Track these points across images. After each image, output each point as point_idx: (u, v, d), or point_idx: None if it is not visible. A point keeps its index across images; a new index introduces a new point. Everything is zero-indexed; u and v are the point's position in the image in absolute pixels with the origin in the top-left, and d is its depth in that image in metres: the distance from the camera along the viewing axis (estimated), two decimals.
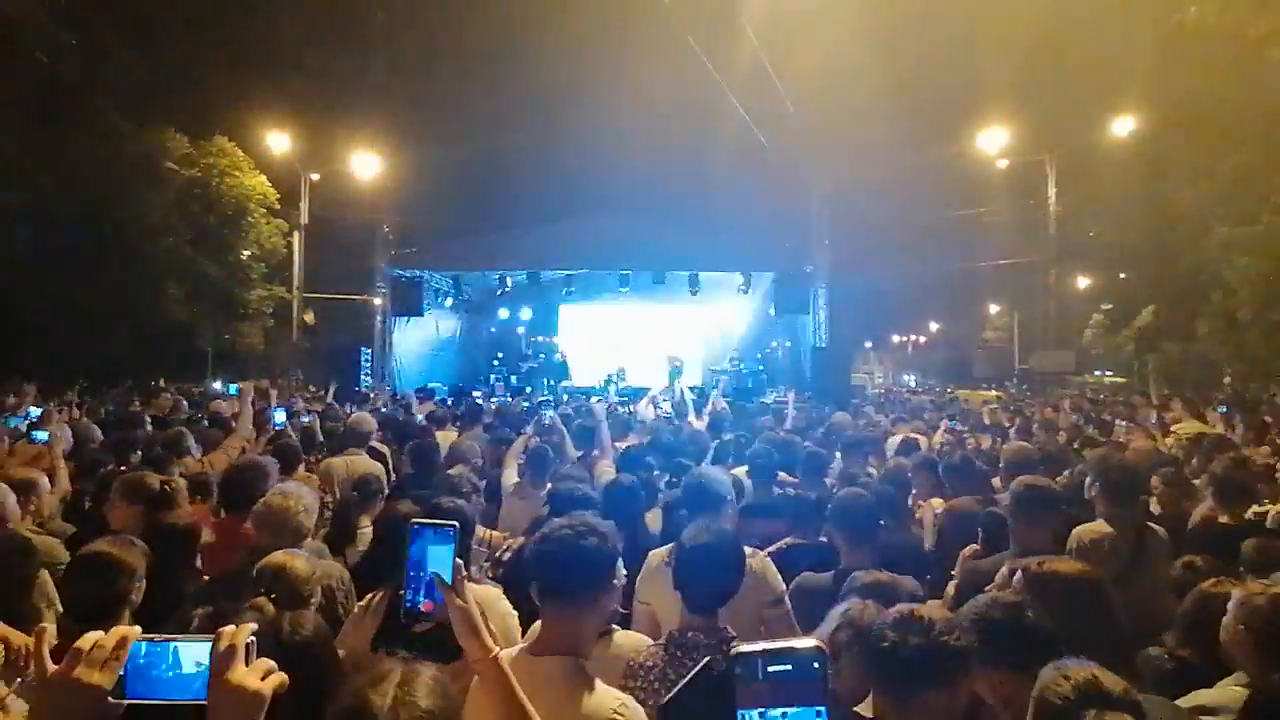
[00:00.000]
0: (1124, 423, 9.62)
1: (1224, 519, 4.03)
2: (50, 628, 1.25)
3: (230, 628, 1.23)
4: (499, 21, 22.00)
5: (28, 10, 17.86)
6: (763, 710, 0.85)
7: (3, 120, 17.56)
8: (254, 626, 1.26)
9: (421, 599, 1.66)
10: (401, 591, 1.65)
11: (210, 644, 1.20)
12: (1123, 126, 17.39)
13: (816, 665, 0.87)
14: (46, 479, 4.10)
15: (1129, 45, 13.90)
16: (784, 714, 0.85)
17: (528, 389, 19.04)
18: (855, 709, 1.98)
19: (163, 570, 2.83)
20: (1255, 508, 4.25)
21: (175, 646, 1.21)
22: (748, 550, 3.40)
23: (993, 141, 19.56)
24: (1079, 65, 18.13)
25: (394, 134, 20.51)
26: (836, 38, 17.62)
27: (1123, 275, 19.89)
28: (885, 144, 20.81)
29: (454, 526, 1.71)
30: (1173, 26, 6.24)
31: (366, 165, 19.86)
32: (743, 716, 0.85)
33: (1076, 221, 20.16)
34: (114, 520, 3.47)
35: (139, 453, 5.34)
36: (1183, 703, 2.01)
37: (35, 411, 7.91)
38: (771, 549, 3.77)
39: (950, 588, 3.44)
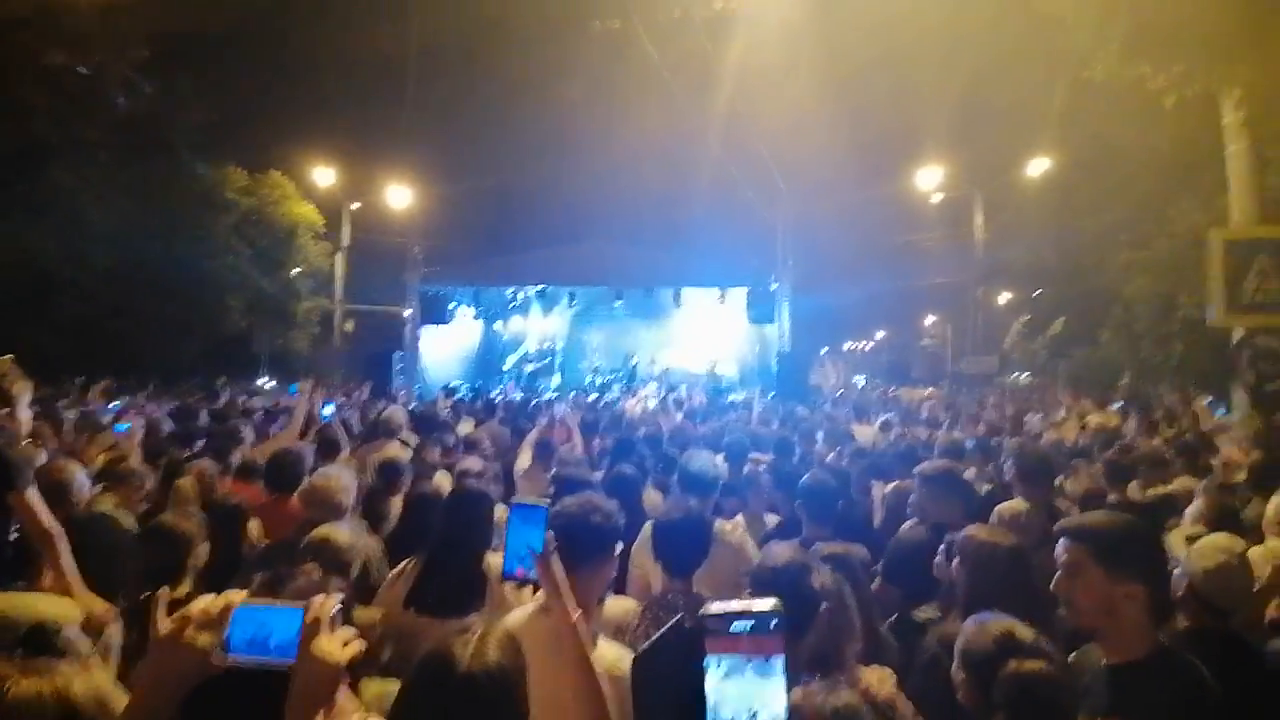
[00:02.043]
0: (1037, 416, 9.70)
1: (1112, 497, 4.10)
2: (168, 592, 1.22)
3: (319, 598, 1.19)
4: (511, 74, 22.05)
5: (110, 60, 17.80)
6: (730, 656, 0.85)
7: (89, 155, 17.48)
8: (339, 598, 1.22)
9: (518, 566, 1.67)
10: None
11: (300, 611, 1.17)
12: (1038, 166, 17.59)
13: (774, 623, 0.86)
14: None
15: (1044, 95, 14.05)
16: (748, 660, 0.85)
17: (539, 388, 19.01)
18: None
19: (219, 541, 2.80)
20: (1133, 488, 4.34)
21: (271, 612, 1.19)
22: (729, 525, 3.42)
23: (928, 178, 19.71)
24: (1002, 113, 18.31)
25: (422, 168, 20.46)
26: (797, 89, 17.74)
27: (1038, 292, 20.04)
28: (839, 179, 21.00)
29: (545, 506, 1.72)
30: (1082, 80, 6.37)
31: (399, 195, 19.81)
32: (710, 662, 0.85)
33: (999, 246, 20.37)
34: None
35: (200, 442, 5.30)
36: (1073, 657, 2.01)
37: (114, 406, 7.84)
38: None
39: None
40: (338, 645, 1.17)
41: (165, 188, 18.43)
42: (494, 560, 2.68)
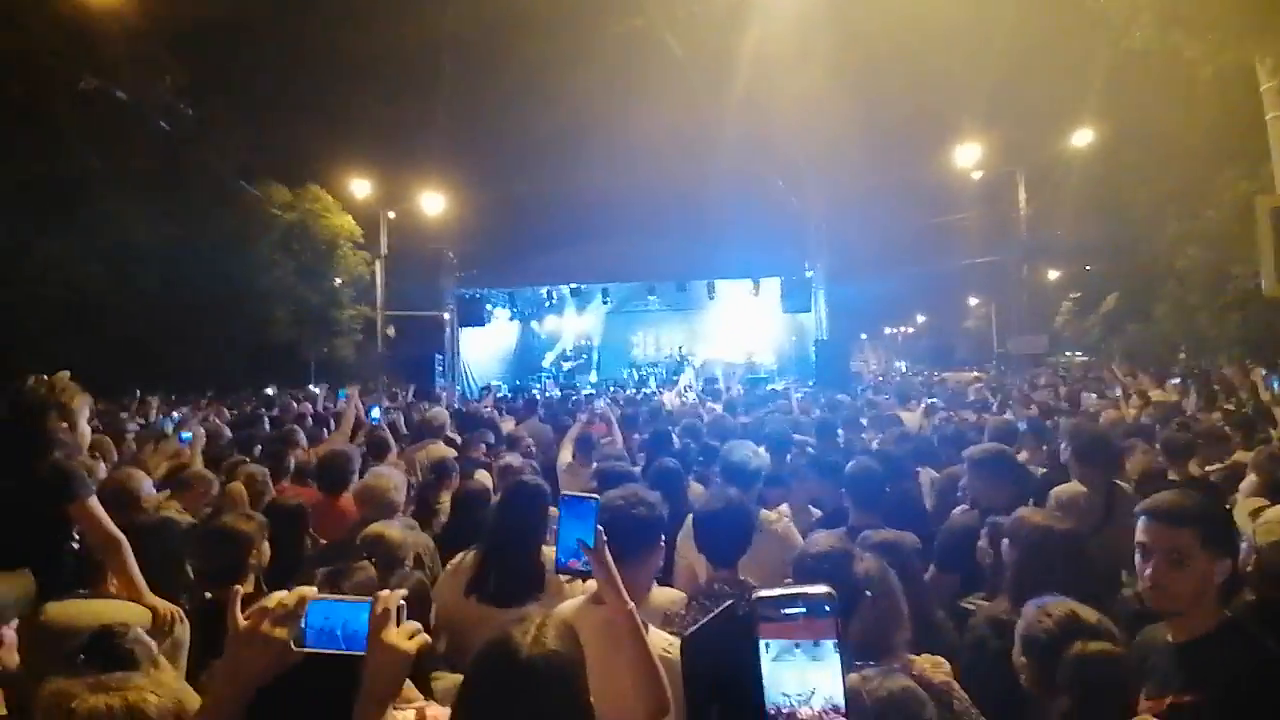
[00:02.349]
0: (1093, 395, 9.35)
1: (1172, 475, 3.94)
2: (240, 589, 1.27)
3: (385, 593, 1.24)
4: (536, 76, 22.17)
5: (151, 85, 18.50)
6: (780, 641, 0.84)
7: (132, 179, 18.18)
8: (404, 592, 1.26)
9: (571, 559, 1.70)
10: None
11: (368, 605, 1.21)
12: (1081, 139, 16.90)
13: (827, 608, 0.85)
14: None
15: (1085, 66, 13.50)
16: (797, 644, 0.84)
17: (575, 385, 19.17)
18: None
19: (280, 540, 2.88)
20: (1193, 465, 4.17)
21: (342, 605, 1.23)
22: (773, 515, 3.40)
23: (966, 156, 19.13)
24: (1040, 87, 17.65)
25: (455, 175, 20.74)
26: (824, 72, 17.40)
27: (1088, 268, 19.30)
28: (872, 162, 20.51)
29: (596, 499, 1.74)
30: (1121, 50, 6.10)
31: (433, 203, 20.15)
32: (763, 645, 0.84)
33: (1042, 222, 19.69)
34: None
35: (260, 447, 5.50)
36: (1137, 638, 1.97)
37: (177, 416, 8.17)
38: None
39: None
40: (404, 637, 1.21)
41: (209, 207, 19.09)
42: (551, 553, 2.73)
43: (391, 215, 20.54)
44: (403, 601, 1.23)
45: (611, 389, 16.63)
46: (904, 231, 25.91)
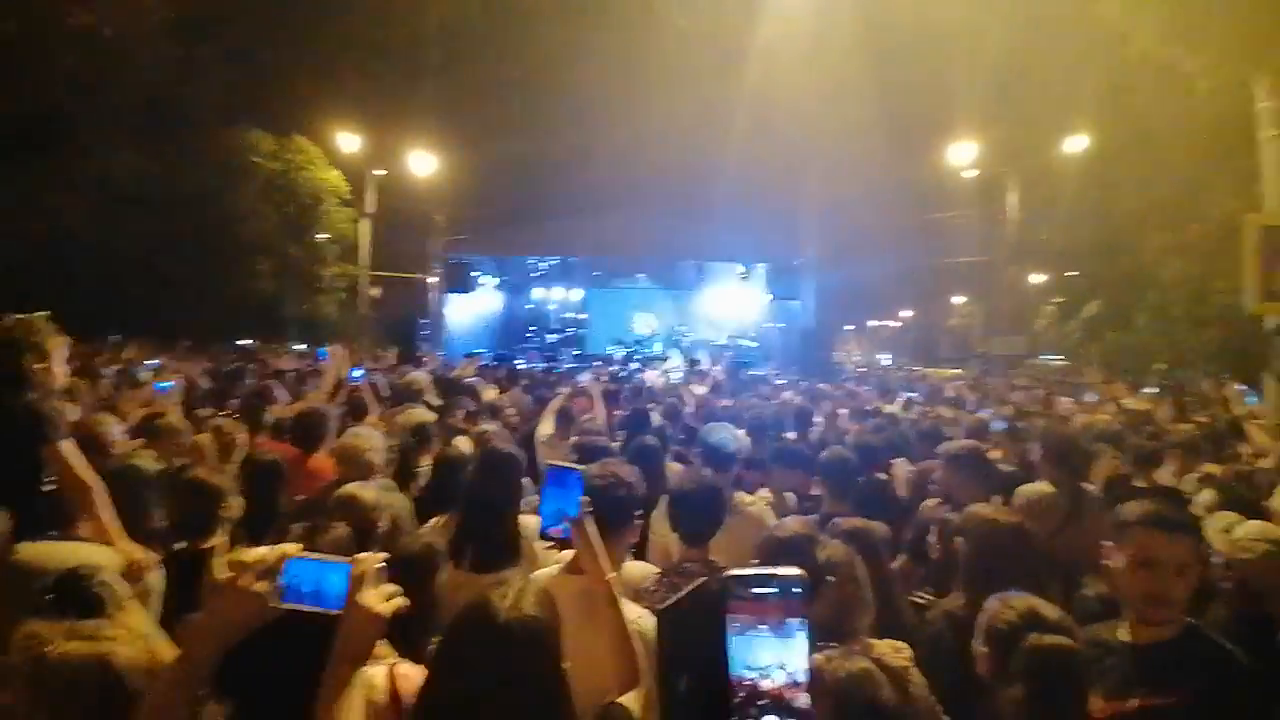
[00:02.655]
0: (1068, 399, 9.54)
1: (1138, 482, 4.06)
2: (221, 543, 1.26)
3: (365, 554, 1.25)
4: (537, 43, 21.72)
5: (133, 28, 17.90)
6: (749, 617, 0.87)
7: (114, 124, 17.68)
8: (385, 556, 1.27)
9: (553, 526, 1.72)
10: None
11: (348, 565, 1.22)
12: (1073, 145, 17.02)
13: (797, 589, 0.88)
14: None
15: (1082, 73, 13.56)
16: (764, 622, 0.86)
17: (559, 355, 19.15)
18: None
19: (257, 495, 2.90)
20: (1160, 474, 4.30)
21: (322, 565, 1.23)
22: (748, 498, 3.45)
23: (959, 155, 19.18)
24: (1039, 89, 17.68)
25: (447, 137, 20.35)
26: (825, 63, 17.27)
27: (1071, 273, 19.54)
28: (866, 154, 20.47)
29: (580, 470, 1.76)
30: (1119, 59, 6.12)
31: (423, 163, 19.78)
32: (733, 621, 0.87)
33: (1030, 225, 19.86)
34: None
35: (235, 401, 5.45)
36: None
37: (152, 364, 8.04)
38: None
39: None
40: (381, 599, 1.22)
41: (192, 152, 18.59)
42: (528, 520, 2.75)
43: (379, 173, 20.15)
44: (382, 564, 1.24)
45: (596, 364, 16.64)
46: (895, 226, 26.00)
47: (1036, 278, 23.56)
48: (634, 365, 16.12)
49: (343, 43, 21.71)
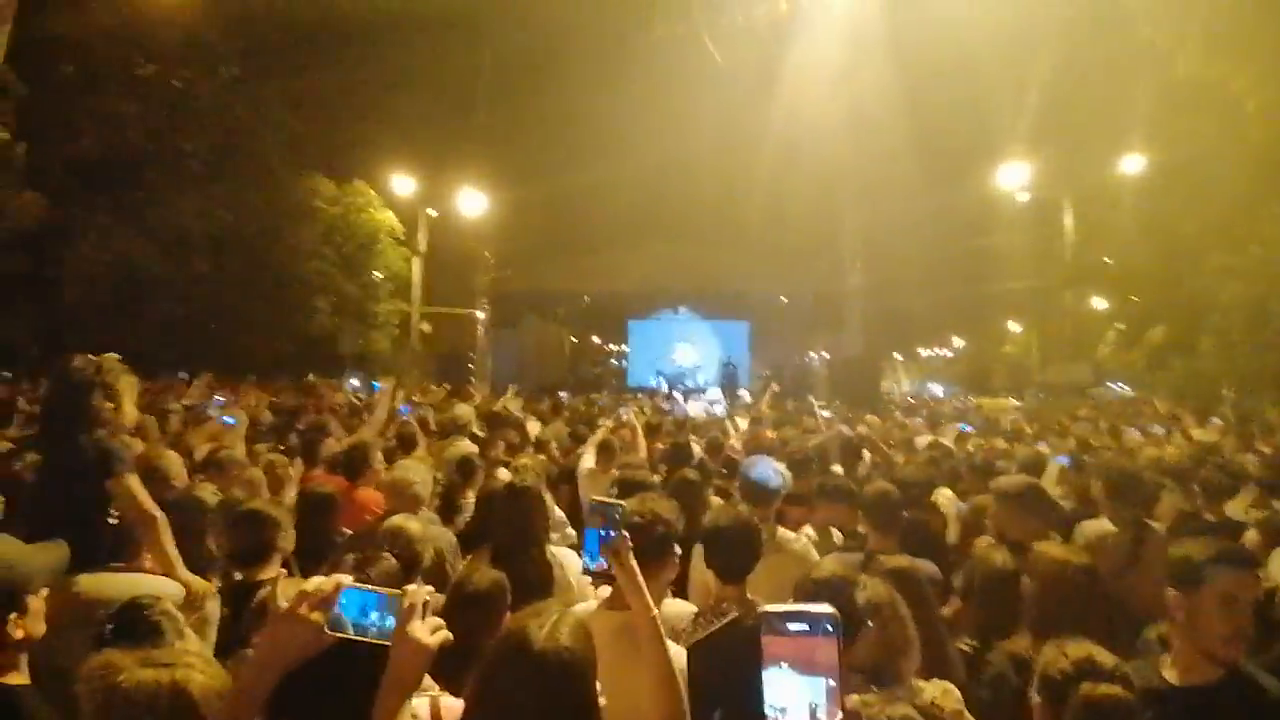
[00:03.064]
0: (1136, 431, 9.05)
1: (1208, 516, 3.81)
2: (278, 573, 1.32)
3: (413, 587, 1.28)
4: (578, 80, 22.45)
5: (205, 73, 19.24)
6: (780, 663, 0.87)
7: (184, 164, 18.91)
8: (431, 589, 1.30)
9: (595, 561, 1.75)
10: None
11: (398, 597, 1.25)
12: (1128, 166, 16.48)
13: (830, 627, 0.88)
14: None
15: (1133, 93, 13.20)
16: (797, 658, 0.86)
17: (604, 392, 19.28)
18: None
19: (311, 526, 2.98)
20: (1231, 506, 4.03)
21: (373, 595, 1.26)
22: (791, 534, 3.38)
23: (1011, 178, 18.78)
24: (1090, 110, 17.25)
25: (495, 175, 21.12)
26: (865, 89, 17.25)
27: (1133, 298, 18.73)
28: (911, 180, 20.24)
29: (622, 505, 1.79)
30: (1166, 79, 5.91)
31: (473, 202, 20.51)
32: (766, 657, 0.87)
33: (1084, 248, 19.17)
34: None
35: (295, 436, 5.66)
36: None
37: (220, 400, 8.43)
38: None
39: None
40: (429, 632, 1.25)
41: (257, 196, 19.74)
42: (569, 555, 2.78)
43: (432, 213, 20.96)
44: (428, 597, 1.28)
45: (638, 396, 16.67)
46: (943, 251, 25.48)
47: (1097, 302, 22.66)
48: (677, 397, 16.10)
49: (397, 89, 22.88)
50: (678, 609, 2.52)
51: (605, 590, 2.20)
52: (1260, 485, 4.36)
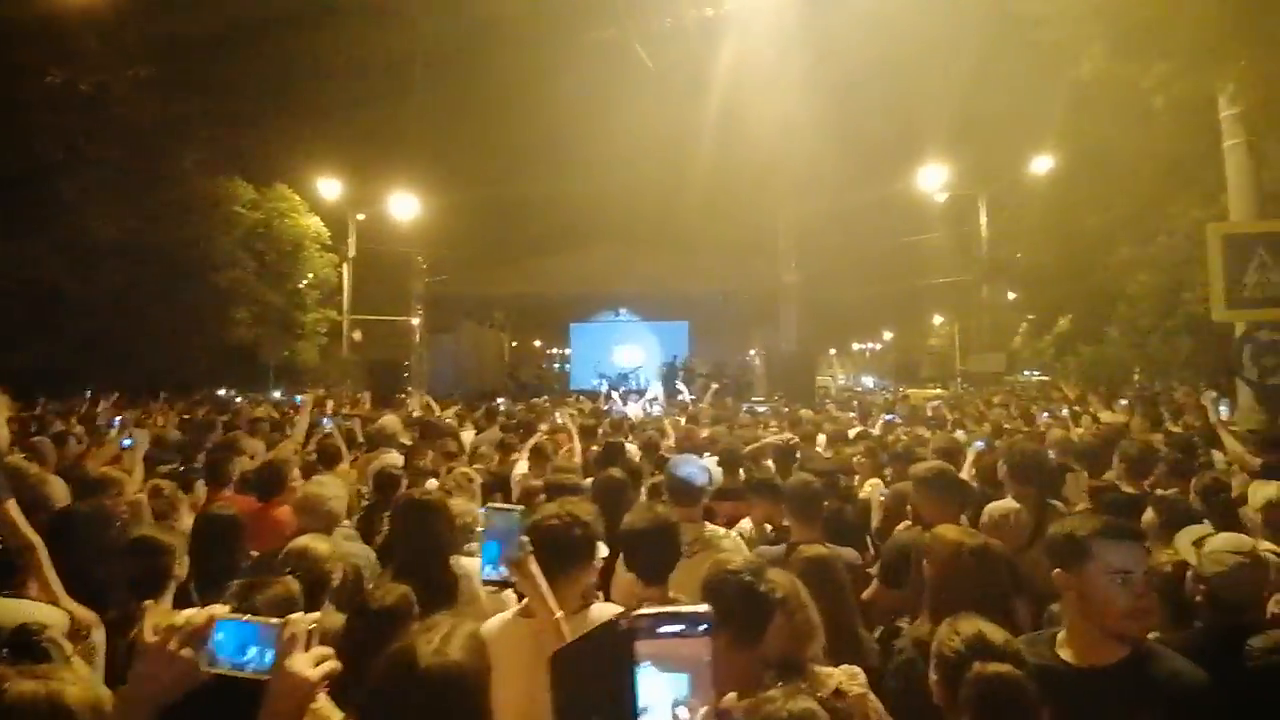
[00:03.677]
0: (1046, 414, 9.59)
1: (1128, 489, 4.05)
2: (153, 605, 1.27)
3: (295, 616, 1.21)
4: (510, 82, 22.19)
5: (119, 78, 18.14)
6: (655, 656, 0.86)
7: (96, 172, 17.78)
8: (316, 616, 1.23)
9: (495, 571, 1.69)
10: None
11: (277, 627, 1.19)
12: (1039, 165, 17.53)
13: (704, 627, 0.88)
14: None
15: (1042, 94, 14.02)
16: (670, 660, 0.86)
17: (545, 397, 19.05)
18: None
19: (213, 550, 2.85)
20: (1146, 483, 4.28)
21: (251, 626, 1.20)
22: (720, 531, 3.41)
23: (932, 178, 19.66)
24: (1005, 111, 18.24)
25: (426, 178, 20.63)
26: (795, 91, 17.74)
27: (1042, 290, 19.95)
28: (841, 179, 20.95)
29: (520, 510, 1.74)
30: (1072, 79, 6.27)
31: (403, 205, 19.95)
32: (641, 661, 0.86)
33: (1002, 244, 20.27)
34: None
35: (204, 454, 5.35)
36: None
37: (120, 419, 7.92)
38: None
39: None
40: (310, 663, 1.19)
41: (172, 202, 18.69)
42: (468, 564, 2.71)
43: (361, 217, 20.29)
44: (312, 625, 1.21)
45: (579, 399, 16.59)
46: (873, 248, 26.45)
47: (1011, 295, 23.98)
48: (616, 399, 16.11)
49: (322, 91, 22.07)
50: (605, 613, 2.50)
51: (510, 597, 2.16)
52: (1168, 464, 4.67)
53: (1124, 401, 10.31)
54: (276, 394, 16.52)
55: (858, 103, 20.01)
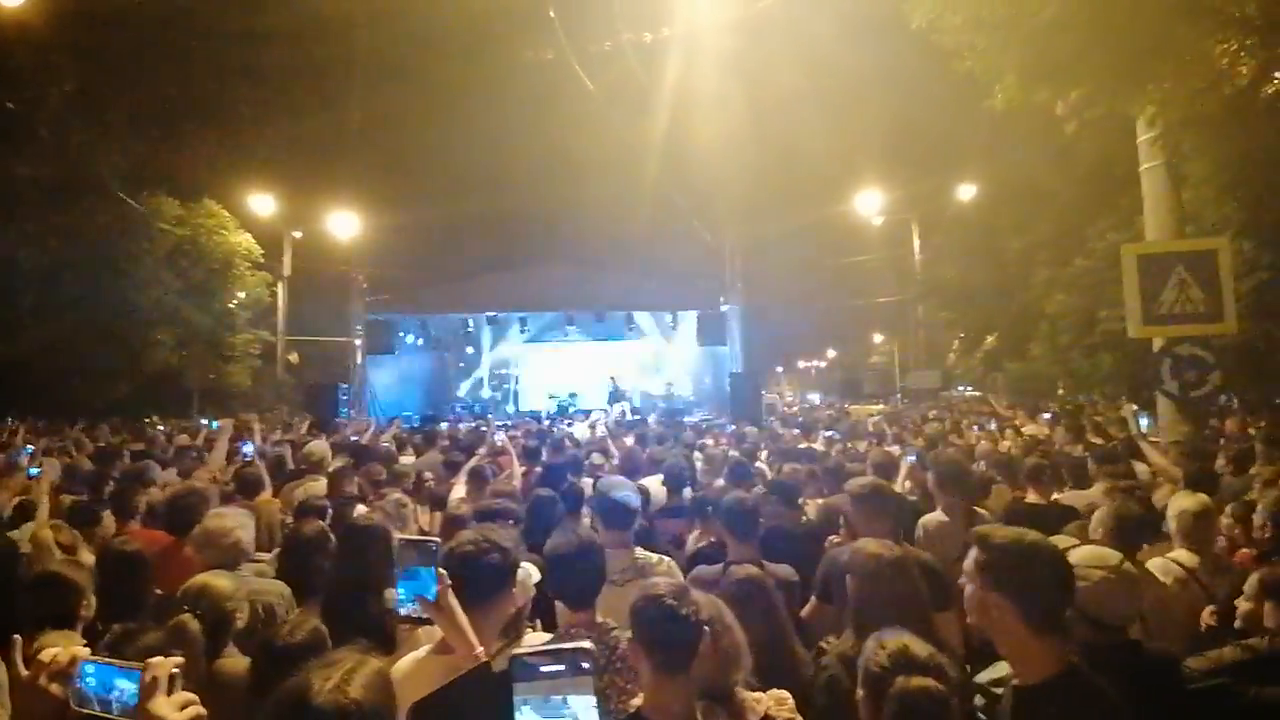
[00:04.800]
0: (976, 428, 9.97)
1: (1032, 499, 4.19)
2: (18, 640, 1.25)
3: (157, 659, 1.18)
4: (456, 98, 22.02)
5: (40, 97, 17.19)
6: (535, 698, 0.81)
7: (17, 192, 16.76)
8: (179, 660, 1.20)
9: (409, 606, 1.61)
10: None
11: (138, 672, 1.17)
12: (965, 191, 18.49)
13: (585, 665, 0.83)
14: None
15: (969, 123, 14.82)
16: (550, 699, 0.81)
17: (488, 416, 18.67)
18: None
19: (117, 589, 2.68)
20: (1056, 494, 4.45)
21: (114, 670, 1.20)
22: (654, 557, 3.35)
23: (868, 203, 20.42)
24: (936, 139, 19.21)
25: (366, 194, 20.13)
26: (736, 117, 18.26)
27: (971, 310, 20.94)
28: (784, 203, 21.58)
29: (436, 541, 1.66)
30: (987, 109, 6.59)
31: (341, 223, 19.38)
32: (519, 703, 0.81)
33: (936, 266, 21.18)
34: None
35: (112, 484, 5.00)
36: (983, 675, 1.91)
37: (28, 450, 7.38)
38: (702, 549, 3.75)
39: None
40: (174, 708, 1.16)
41: (95, 222, 17.68)
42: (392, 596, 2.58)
43: (297, 235, 19.61)
44: (176, 670, 1.18)
45: (525, 420, 16.33)
46: (815, 270, 27.25)
47: (946, 315, 25.08)
48: (565, 420, 15.92)
49: (255, 107, 21.35)
50: (539, 640, 2.41)
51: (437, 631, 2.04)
52: (1072, 476, 4.86)
53: (1047, 415, 10.82)
54: (204, 420, 15.68)
55: (796, 129, 20.71)
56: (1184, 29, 4.99)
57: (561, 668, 0.83)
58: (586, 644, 0.84)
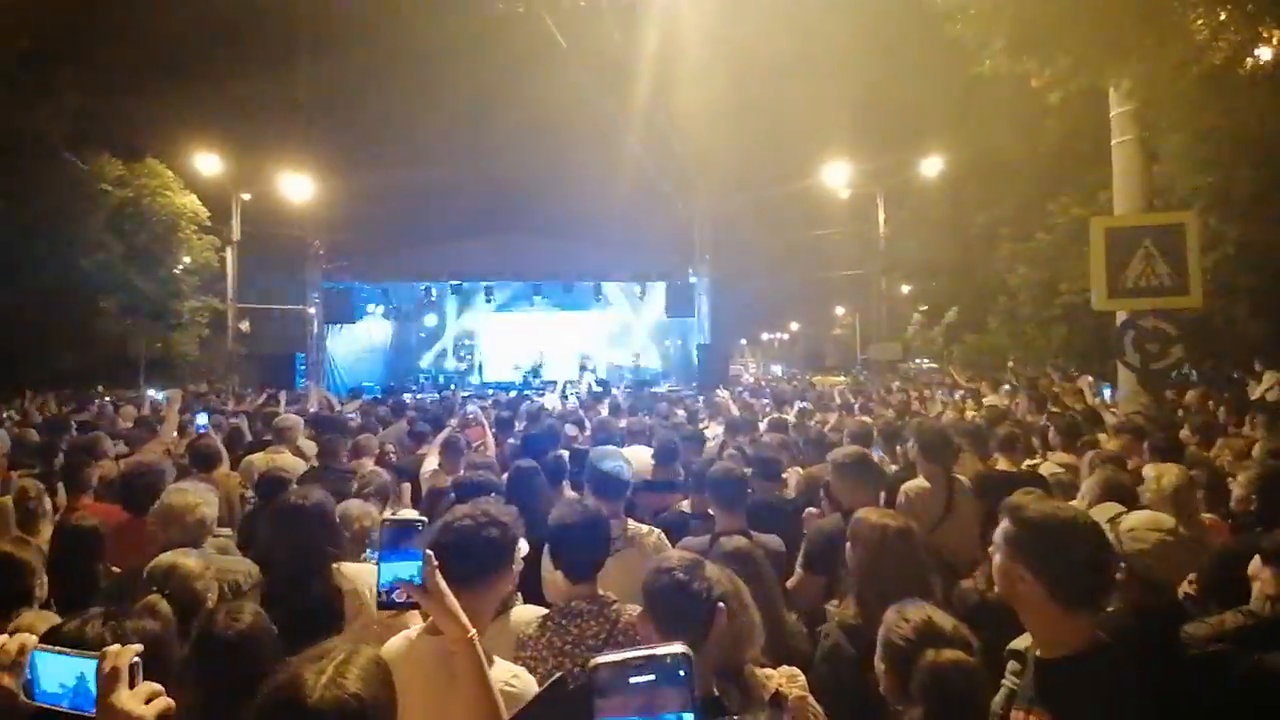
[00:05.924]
0: (942, 397, 10.18)
1: (1003, 467, 4.25)
2: None
3: (114, 648, 1.08)
4: (420, 56, 21.08)
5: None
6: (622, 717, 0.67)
7: None
8: (138, 648, 1.10)
9: (391, 591, 1.47)
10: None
11: (95, 662, 1.07)
12: (931, 165, 18.62)
13: (682, 672, 0.70)
14: None
15: (938, 96, 14.84)
16: (651, 717, 0.67)
17: (452, 386, 18.32)
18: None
19: (71, 567, 2.56)
20: (1028, 461, 4.53)
21: (70, 660, 1.10)
22: (644, 528, 3.28)
23: (835, 175, 20.43)
24: (901, 112, 19.24)
25: (322, 156, 19.17)
26: (707, 85, 17.96)
27: (933, 283, 21.27)
28: (753, 175, 21.48)
29: (422, 521, 1.52)
30: (971, 77, 6.49)
31: (295, 186, 18.45)
32: None
33: (899, 240, 21.43)
34: None
35: (62, 456, 4.69)
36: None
37: None
38: (665, 515, 3.70)
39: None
40: (139, 700, 1.06)
41: (34, 183, 16.48)
42: (355, 573, 2.44)
43: (246, 197, 18.62)
44: (137, 659, 1.07)
45: (491, 391, 16.08)
46: (781, 243, 27.34)
47: (906, 288, 25.46)
48: (533, 390, 15.72)
49: (203, 59, 20.08)
50: (527, 616, 2.32)
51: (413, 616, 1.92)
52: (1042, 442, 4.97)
53: (1007, 387, 11.12)
54: (151, 391, 14.94)
55: (768, 98, 20.52)
56: (1163, 5, 4.99)
57: (653, 677, 0.69)
58: (680, 648, 0.71)
